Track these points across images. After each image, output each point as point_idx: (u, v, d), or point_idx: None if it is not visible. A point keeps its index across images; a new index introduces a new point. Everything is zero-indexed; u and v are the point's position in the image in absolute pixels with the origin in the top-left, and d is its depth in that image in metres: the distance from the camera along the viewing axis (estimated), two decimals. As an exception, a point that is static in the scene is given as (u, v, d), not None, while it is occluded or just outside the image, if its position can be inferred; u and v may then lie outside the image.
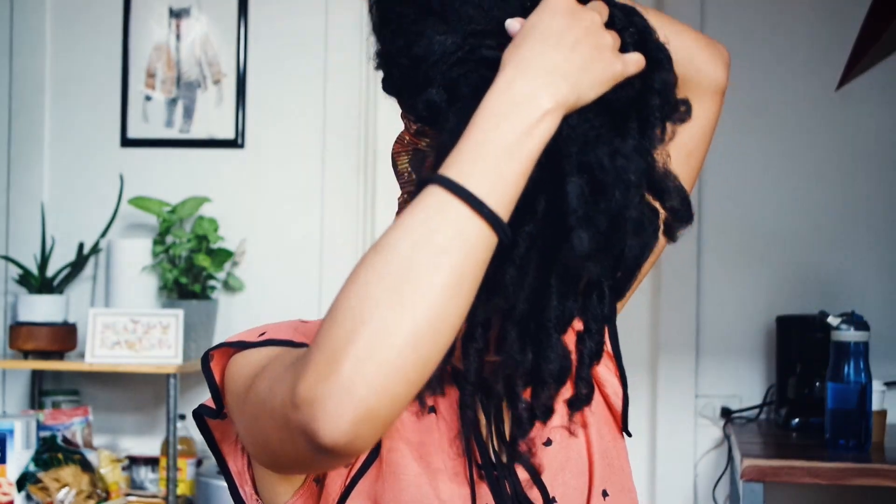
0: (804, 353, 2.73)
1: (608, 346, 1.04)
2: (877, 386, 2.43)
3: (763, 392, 2.95)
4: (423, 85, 0.88)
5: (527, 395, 0.92)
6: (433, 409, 0.98)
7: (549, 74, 0.81)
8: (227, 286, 3.11)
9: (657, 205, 0.87)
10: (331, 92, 3.14)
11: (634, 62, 0.85)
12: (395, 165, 0.97)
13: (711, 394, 2.98)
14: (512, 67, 0.81)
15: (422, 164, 0.93)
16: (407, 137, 0.95)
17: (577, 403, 0.96)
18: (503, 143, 0.78)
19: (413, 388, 0.75)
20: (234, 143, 3.17)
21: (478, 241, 0.77)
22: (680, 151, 1.03)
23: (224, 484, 1.22)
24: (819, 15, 3.00)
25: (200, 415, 0.98)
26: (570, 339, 0.92)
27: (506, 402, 0.96)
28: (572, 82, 0.81)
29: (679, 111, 0.88)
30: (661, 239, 0.89)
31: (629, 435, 1.09)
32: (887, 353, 2.81)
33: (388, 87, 0.93)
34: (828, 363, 2.39)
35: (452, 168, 0.79)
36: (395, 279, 0.75)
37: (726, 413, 2.96)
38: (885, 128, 2.96)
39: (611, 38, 0.84)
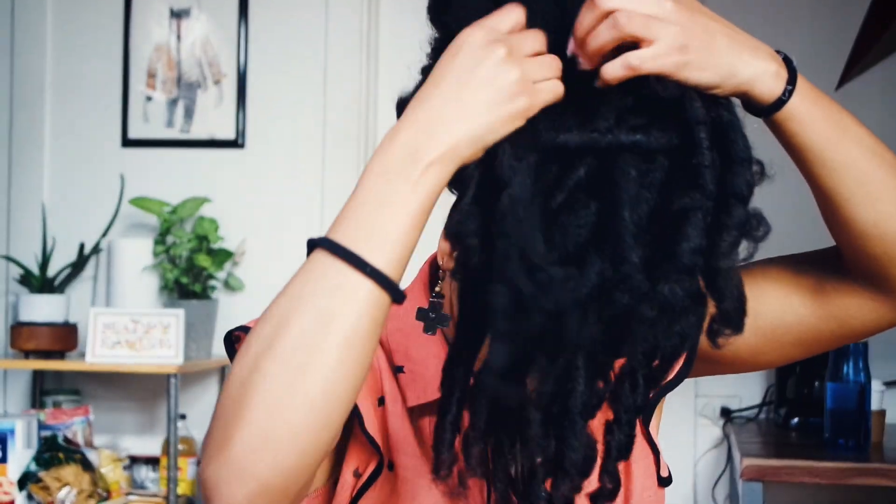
0: (804, 352, 2.73)
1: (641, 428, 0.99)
2: (876, 386, 2.43)
3: (762, 392, 2.95)
4: None
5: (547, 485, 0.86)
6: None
7: (433, 122, 0.76)
8: (228, 286, 3.11)
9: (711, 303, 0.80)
10: (331, 92, 3.14)
11: (547, 91, 0.79)
12: None
13: (711, 393, 2.99)
14: (401, 118, 0.78)
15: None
16: None
17: (601, 499, 0.88)
18: (386, 201, 0.75)
19: (312, 456, 0.72)
20: (235, 144, 3.17)
21: (368, 303, 0.74)
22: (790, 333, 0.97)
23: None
24: (819, 15, 3.00)
25: None
26: (598, 429, 0.85)
27: (524, 493, 0.89)
28: (464, 127, 0.76)
29: (755, 228, 0.80)
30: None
31: (667, 484, 1.05)
32: (886, 352, 2.82)
33: None
34: (827, 363, 2.39)
35: (336, 229, 0.75)
36: (283, 347, 0.72)
37: (726, 413, 2.96)
38: (885, 128, 2.95)
39: (518, 72, 0.77)
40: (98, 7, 3.23)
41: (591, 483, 0.87)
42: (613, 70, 0.79)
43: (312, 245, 0.76)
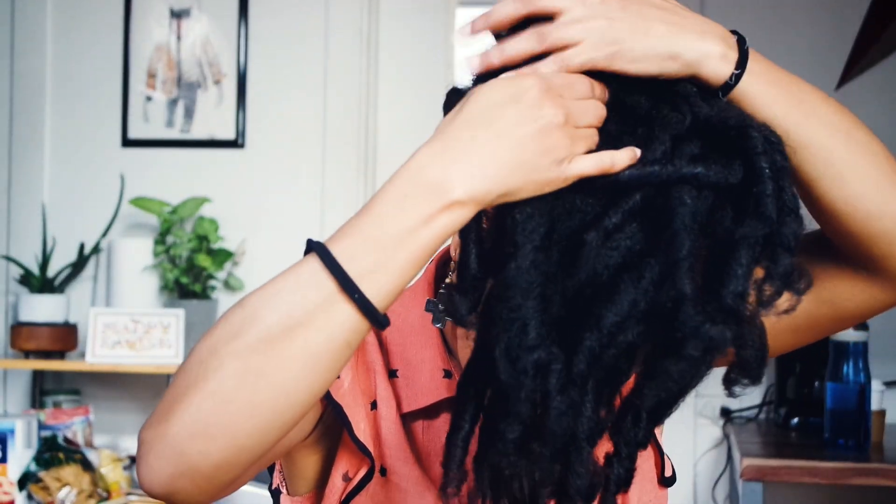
0: (803, 352, 2.74)
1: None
2: (876, 386, 2.43)
3: (762, 392, 2.95)
4: None
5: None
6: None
7: (469, 158, 0.72)
8: (228, 286, 3.11)
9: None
10: (331, 92, 3.14)
11: (577, 171, 0.75)
12: None
13: (711, 393, 2.99)
14: (430, 144, 0.73)
15: None
16: None
17: None
18: (397, 229, 0.71)
19: (248, 456, 0.71)
20: (235, 144, 3.17)
21: (345, 325, 0.71)
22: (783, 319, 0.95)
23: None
24: (819, 15, 3.00)
25: None
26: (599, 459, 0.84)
27: None
28: (497, 178, 0.72)
29: (797, 281, 0.77)
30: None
31: (671, 484, 1.04)
32: (886, 352, 2.82)
33: None
34: (827, 363, 2.39)
35: (339, 242, 0.72)
36: (245, 341, 0.71)
37: (726, 413, 2.96)
38: (885, 128, 2.96)
39: (566, 142, 0.73)
40: (98, 7, 3.23)
41: None
42: (544, 67, 0.77)
43: (310, 248, 0.74)
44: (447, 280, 0.93)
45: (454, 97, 0.80)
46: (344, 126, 3.14)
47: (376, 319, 0.72)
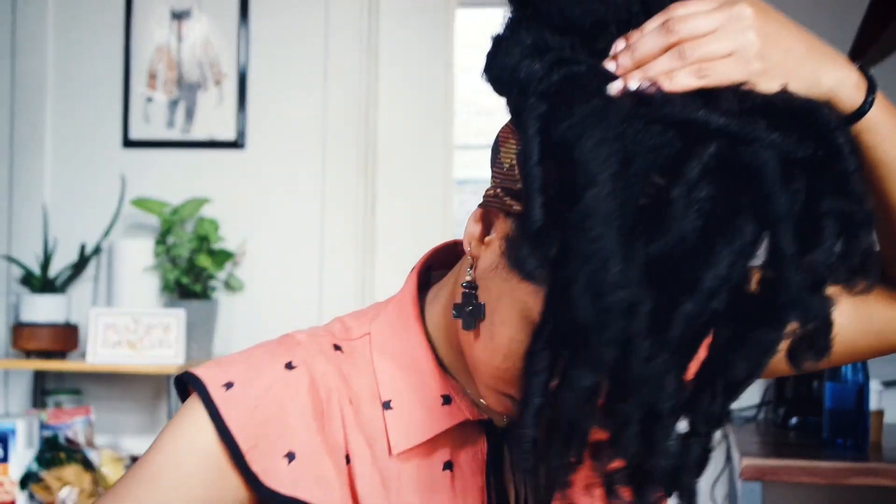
0: (802, 352, 2.74)
1: None
2: (874, 385, 2.44)
3: (761, 391, 2.96)
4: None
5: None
6: (449, 466, 0.87)
7: None
8: (228, 286, 3.12)
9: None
10: (331, 93, 3.15)
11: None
12: (495, 152, 0.81)
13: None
14: None
15: None
16: None
17: None
18: None
19: None
20: (235, 144, 3.18)
21: None
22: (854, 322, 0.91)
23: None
24: (817, 16, 3.01)
25: None
26: None
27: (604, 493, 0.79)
28: None
29: (875, 265, 0.73)
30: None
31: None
32: (885, 352, 2.82)
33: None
34: (826, 363, 2.40)
35: None
36: None
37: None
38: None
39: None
40: (99, 8, 3.23)
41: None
42: (684, 79, 0.71)
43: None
44: (467, 278, 0.84)
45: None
46: (344, 126, 3.14)
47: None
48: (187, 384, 0.88)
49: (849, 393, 2.35)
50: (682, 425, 0.74)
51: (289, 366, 0.87)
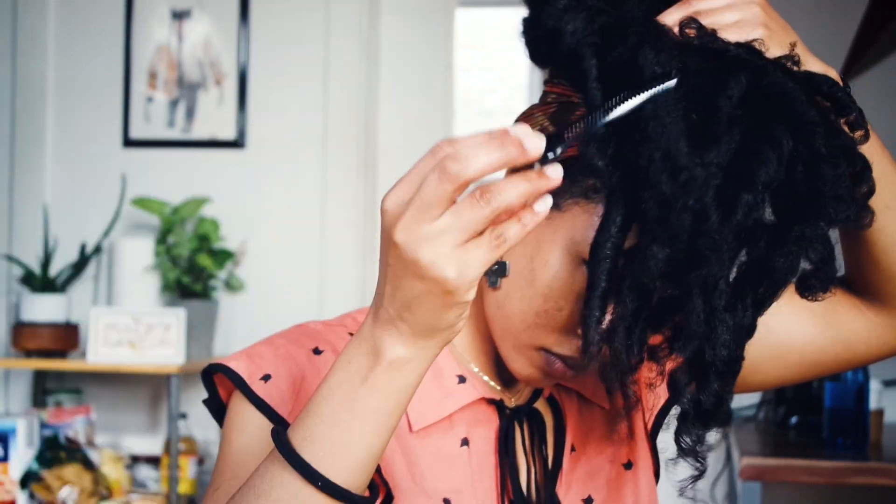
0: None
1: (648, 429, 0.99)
2: (874, 385, 2.44)
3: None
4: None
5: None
6: (466, 443, 0.91)
7: (402, 315, 0.67)
8: (229, 286, 3.12)
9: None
10: (331, 92, 3.15)
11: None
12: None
13: (710, 393, 2.99)
14: (381, 293, 0.68)
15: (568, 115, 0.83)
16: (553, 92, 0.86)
17: (716, 420, 0.81)
18: (346, 400, 0.69)
19: None
20: (236, 144, 3.18)
21: None
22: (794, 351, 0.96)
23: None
24: (816, 16, 3.01)
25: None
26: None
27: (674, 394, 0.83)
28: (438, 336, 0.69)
29: (855, 216, 0.79)
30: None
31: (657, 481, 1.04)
32: (885, 352, 2.82)
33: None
34: (825, 362, 2.40)
35: (298, 428, 0.71)
36: None
37: (725, 412, 2.97)
38: (884, 129, 2.97)
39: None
40: (99, 8, 3.24)
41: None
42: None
43: (274, 436, 0.72)
44: None
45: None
46: (344, 126, 3.15)
47: (352, 498, 0.70)
48: (211, 375, 0.94)
49: (849, 392, 2.35)
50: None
51: (316, 350, 0.91)
